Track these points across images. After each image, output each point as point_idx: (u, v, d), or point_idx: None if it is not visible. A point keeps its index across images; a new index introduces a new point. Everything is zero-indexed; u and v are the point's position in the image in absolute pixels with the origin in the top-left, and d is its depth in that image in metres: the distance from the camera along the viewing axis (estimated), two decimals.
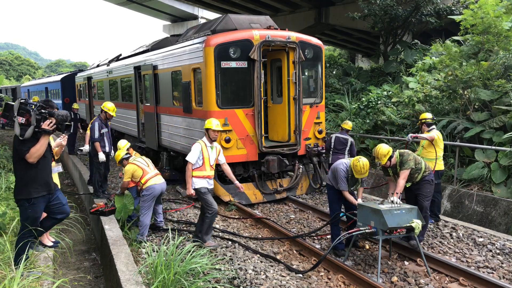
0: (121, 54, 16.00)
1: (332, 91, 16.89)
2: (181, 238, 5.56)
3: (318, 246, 6.63)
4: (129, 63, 13.01)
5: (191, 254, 4.93)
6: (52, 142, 5.36)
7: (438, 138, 7.37)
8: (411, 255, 6.10)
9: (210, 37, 8.46)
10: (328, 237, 6.87)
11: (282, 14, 24.74)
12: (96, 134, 8.63)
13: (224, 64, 8.37)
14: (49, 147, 4.73)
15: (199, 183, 6.28)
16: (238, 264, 5.75)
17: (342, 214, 6.37)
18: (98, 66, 18.03)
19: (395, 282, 5.41)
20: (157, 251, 5.11)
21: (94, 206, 7.60)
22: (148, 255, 5.08)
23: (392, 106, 12.83)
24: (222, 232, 7.15)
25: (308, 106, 9.30)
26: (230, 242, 6.64)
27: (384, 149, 6.13)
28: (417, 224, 5.43)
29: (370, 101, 13.32)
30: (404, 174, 6.12)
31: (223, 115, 8.31)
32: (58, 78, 24.90)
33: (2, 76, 24.97)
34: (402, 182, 6.11)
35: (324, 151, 9.47)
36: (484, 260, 5.96)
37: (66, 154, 15.25)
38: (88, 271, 5.77)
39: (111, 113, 8.86)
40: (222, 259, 5.87)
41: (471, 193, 8.72)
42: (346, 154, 9.17)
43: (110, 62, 15.97)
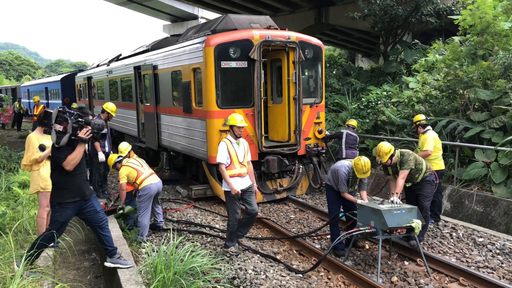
0: (121, 54, 15.99)
1: (332, 91, 16.88)
2: (180, 238, 5.58)
3: (318, 246, 6.63)
4: (129, 63, 13.01)
5: (191, 254, 4.93)
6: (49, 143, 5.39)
7: (434, 139, 7.41)
8: (411, 255, 6.10)
9: (210, 37, 8.46)
10: (328, 237, 6.87)
11: (282, 14, 24.73)
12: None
13: (224, 64, 8.37)
14: (84, 154, 4.84)
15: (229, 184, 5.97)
16: (238, 264, 5.75)
17: (341, 214, 6.38)
18: (98, 66, 18.02)
19: (395, 282, 5.42)
20: (157, 251, 5.11)
21: None
22: (148, 255, 5.08)
23: (392, 106, 12.84)
24: (222, 232, 7.15)
25: (308, 106, 9.31)
26: None
27: (386, 147, 6.17)
28: (417, 224, 5.44)
29: (370, 101, 13.34)
30: (403, 174, 6.14)
31: (223, 115, 8.31)
32: (58, 78, 24.92)
33: (2, 76, 25.00)
34: (401, 182, 6.12)
35: (324, 151, 9.51)
36: (484, 260, 5.96)
37: None
38: (88, 271, 5.77)
39: (113, 114, 9.10)
40: (222, 259, 5.88)
41: (471, 193, 8.71)
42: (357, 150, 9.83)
43: (110, 62, 15.96)
